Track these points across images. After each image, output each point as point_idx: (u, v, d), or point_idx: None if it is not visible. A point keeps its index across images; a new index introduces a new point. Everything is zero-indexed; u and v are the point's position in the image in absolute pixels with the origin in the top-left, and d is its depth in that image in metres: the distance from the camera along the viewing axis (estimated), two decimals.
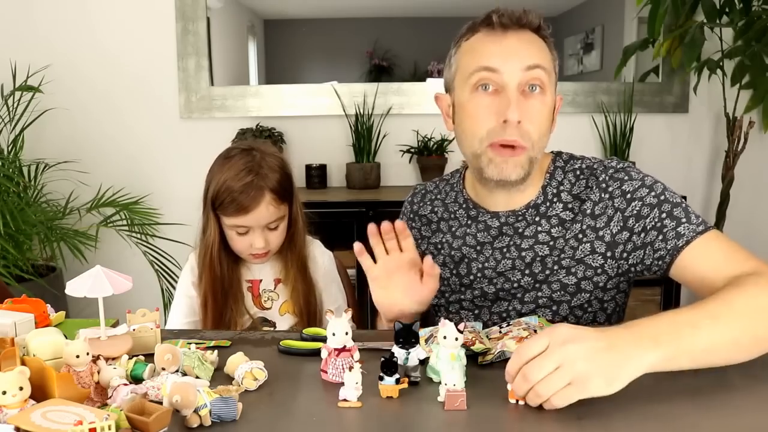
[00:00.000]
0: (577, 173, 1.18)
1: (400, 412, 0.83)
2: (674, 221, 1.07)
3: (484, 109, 1.10)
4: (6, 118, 2.49)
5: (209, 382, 0.90)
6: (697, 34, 2.33)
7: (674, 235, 1.06)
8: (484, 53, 1.10)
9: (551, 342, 0.80)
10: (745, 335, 0.89)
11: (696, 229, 1.06)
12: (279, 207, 1.35)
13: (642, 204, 1.10)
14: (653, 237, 1.08)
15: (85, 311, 1.85)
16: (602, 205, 1.13)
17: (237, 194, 1.30)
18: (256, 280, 1.44)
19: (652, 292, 2.45)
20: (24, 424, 0.71)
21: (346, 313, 0.91)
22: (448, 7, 2.76)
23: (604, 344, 0.80)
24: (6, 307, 1.11)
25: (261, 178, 1.32)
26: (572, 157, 1.21)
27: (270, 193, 1.32)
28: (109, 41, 2.70)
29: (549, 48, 1.14)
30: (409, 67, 2.84)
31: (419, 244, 1.29)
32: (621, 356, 0.81)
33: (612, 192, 1.13)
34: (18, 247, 2.30)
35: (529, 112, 1.09)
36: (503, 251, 1.19)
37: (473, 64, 1.11)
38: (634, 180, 1.13)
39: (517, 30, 1.10)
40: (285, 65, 2.89)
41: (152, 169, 2.76)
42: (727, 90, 2.49)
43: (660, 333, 0.84)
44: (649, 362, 0.82)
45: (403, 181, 2.81)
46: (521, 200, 1.18)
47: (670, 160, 2.73)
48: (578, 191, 1.17)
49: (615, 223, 1.12)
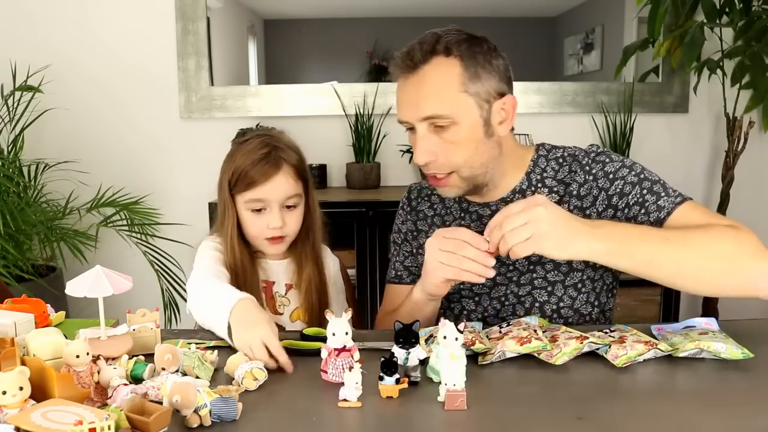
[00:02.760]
0: (559, 161, 1.24)
1: (400, 412, 0.83)
2: (654, 196, 1.14)
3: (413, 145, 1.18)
4: (6, 118, 2.48)
5: (209, 382, 0.90)
6: (697, 34, 2.33)
7: (655, 208, 1.13)
8: (397, 104, 1.18)
9: (527, 203, 0.99)
10: (689, 264, 1.02)
11: (675, 200, 1.13)
12: (297, 183, 1.33)
13: (624, 183, 1.17)
14: (636, 211, 1.15)
15: (85, 311, 1.85)
16: (587, 186, 1.19)
17: (256, 164, 1.29)
18: (270, 282, 1.39)
19: (652, 291, 2.45)
20: (24, 424, 0.71)
21: (346, 313, 0.91)
22: (448, 7, 2.75)
23: (565, 218, 1.00)
24: (6, 307, 1.11)
25: (279, 151, 1.32)
26: (554, 147, 1.27)
27: (288, 165, 1.32)
28: (109, 41, 2.70)
29: (464, 67, 1.11)
30: None
31: (416, 237, 1.34)
32: (574, 232, 0.99)
33: (595, 174, 1.19)
34: (18, 247, 2.30)
35: (440, 147, 1.14)
36: None
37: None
38: (614, 162, 1.20)
39: (415, 72, 1.13)
40: (285, 65, 2.89)
41: (152, 169, 2.76)
42: (727, 90, 2.48)
43: (613, 232, 1.02)
44: (594, 248, 1.00)
45: (403, 181, 2.80)
46: (502, 189, 1.24)
47: (670, 160, 2.73)
48: (562, 176, 1.22)
49: (600, 202, 1.18)
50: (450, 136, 1.13)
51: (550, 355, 0.97)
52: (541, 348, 0.97)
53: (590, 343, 0.98)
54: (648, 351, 0.96)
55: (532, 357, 0.98)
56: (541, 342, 0.97)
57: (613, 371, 0.94)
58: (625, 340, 0.99)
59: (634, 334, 1.03)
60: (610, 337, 1.02)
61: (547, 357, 0.97)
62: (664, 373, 0.94)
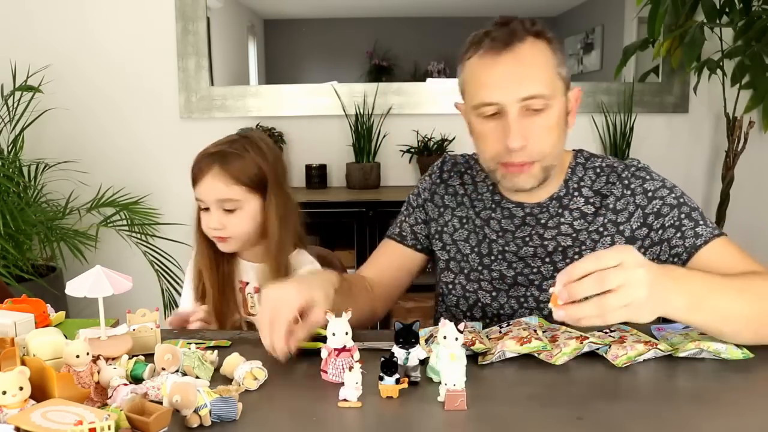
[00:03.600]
0: (597, 170, 1.21)
1: (400, 412, 0.83)
2: (692, 222, 1.12)
3: (489, 133, 1.11)
4: (6, 118, 2.48)
5: (209, 382, 0.90)
6: (697, 34, 2.33)
7: (693, 234, 1.10)
8: (481, 87, 1.10)
9: (625, 260, 0.82)
10: (757, 317, 0.94)
11: (713, 231, 1.11)
12: (229, 186, 1.30)
13: (663, 203, 1.14)
14: (671, 234, 1.12)
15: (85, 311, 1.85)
16: (624, 201, 1.17)
17: (197, 162, 1.33)
18: (244, 282, 1.41)
19: None
20: (24, 424, 0.71)
21: (346, 313, 0.91)
22: (448, 7, 2.75)
23: (659, 277, 0.85)
24: (6, 307, 1.11)
25: (219, 153, 1.32)
26: (592, 155, 1.24)
27: (219, 168, 1.30)
28: (109, 41, 2.70)
29: (553, 51, 1.11)
30: (409, 67, 2.84)
31: (442, 213, 1.30)
32: (666, 293, 0.86)
33: (634, 189, 1.16)
34: (18, 247, 2.30)
35: (533, 133, 1.09)
36: (525, 239, 1.21)
37: (475, 97, 1.11)
38: (655, 180, 1.17)
39: (511, 50, 1.08)
40: (285, 65, 2.89)
41: (152, 169, 2.76)
42: (727, 90, 2.48)
43: (693, 285, 0.91)
44: (676, 306, 0.88)
45: (403, 181, 2.81)
46: (544, 193, 1.20)
47: (670, 160, 2.73)
48: (599, 187, 1.19)
49: (635, 219, 1.16)
50: (542, 120, 1.09)
51: (550, 355, 0.97)
52: (541, 348, 0.97)
53: (590, 343, 0.98)
54: (648, 351, 0.96)
55: (532, 357, 0.98)
56: (541, 342, 0.97)
57: (613, 371, 0.94)
58: (625, 340, 0.99)
59: (634, 334, 1.03)
60: (610, 337, 1.02)
61: (547, 357, 0.97)
62: (664, 373, 0.94)
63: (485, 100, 1.10)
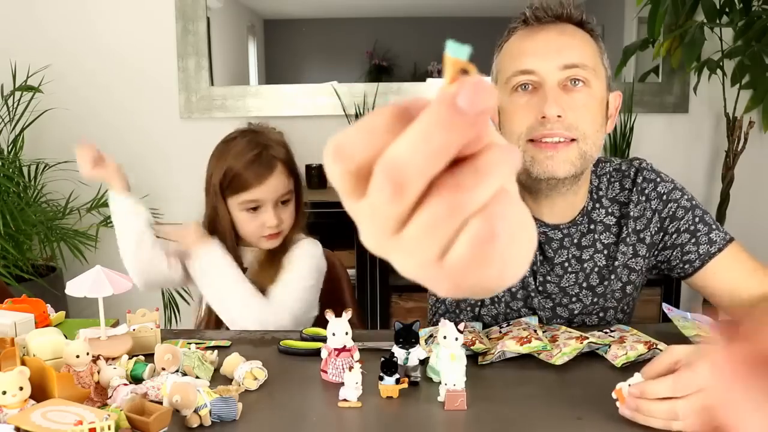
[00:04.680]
0: (608, 176, 1.15)
1: (400, 412, 0.83)
2: (706, 227, 1.09)
3: (522, 107, 1.03)
4: (6, 118, 2.48)
5: (209, 382, 0.90)
6: (697, 34, 2.33)
7: (707, 241, 1.08)
8: (520, 55, 1.04)
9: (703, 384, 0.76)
10: None
11: (725, 237, 1.09)
12: (289, 179, 1.32)
13: (677, 206, 1.11)
14: (685, 239, 1.10)
15: (85, 311, 1.85)
16: (640, 208, 1.12)
17: (249, 165, 1.28)
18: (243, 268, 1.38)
19: (652, 292, 2.44)
20: (24, 424, 0.71)
21: (346, 313, 0.91)
22: (448, 7, 2.75)
23: None
24: (6, 307, 1.11)
25: (269, 149, 1.31)
26: (599, 160, 1.16)
27: (281, 164, 1.31)
28: (109, 41, 2.70)
29: (594, 40, 1.06)
30: (409, 67, 2.84)
31: None
32: None
33: (648, 194, 1.12)
34: (18, 247, 2.30)
35: (572, 104, 1.01)
36: (564, 266, 1.14)
37: (510, 68, 1.05)
38: (666, 182, 1.13)
39: (554, 23, 1.03)
40: (285, 65, 2.89)
41: (152, 169, 2.76)
42: (727, 90, 2.48)
43: None
44: None
45: None
46: (576, 205, 1.12)
47: (670, 160, 2.72)
48: (614, 194, 1.14)
49: (653, 225, 1.12)
50: (582, 97, 1.01)
51: (550, 355, 0.97)
52: (541, 348, 0.97)
53: (590, 343, 0.98)
54: (648, 351, 0.96)
55: (532, 357, 0.98)
56: (541, 342, 0.97)
57: (613, 371, 0.94)
58: (625, 341, 0.99)
59: (634, 334, 1.03)
60: (610, 337, 1.02)
61: (547, 357, 0.97)
62: None
63: (521, 67, 1.02)
